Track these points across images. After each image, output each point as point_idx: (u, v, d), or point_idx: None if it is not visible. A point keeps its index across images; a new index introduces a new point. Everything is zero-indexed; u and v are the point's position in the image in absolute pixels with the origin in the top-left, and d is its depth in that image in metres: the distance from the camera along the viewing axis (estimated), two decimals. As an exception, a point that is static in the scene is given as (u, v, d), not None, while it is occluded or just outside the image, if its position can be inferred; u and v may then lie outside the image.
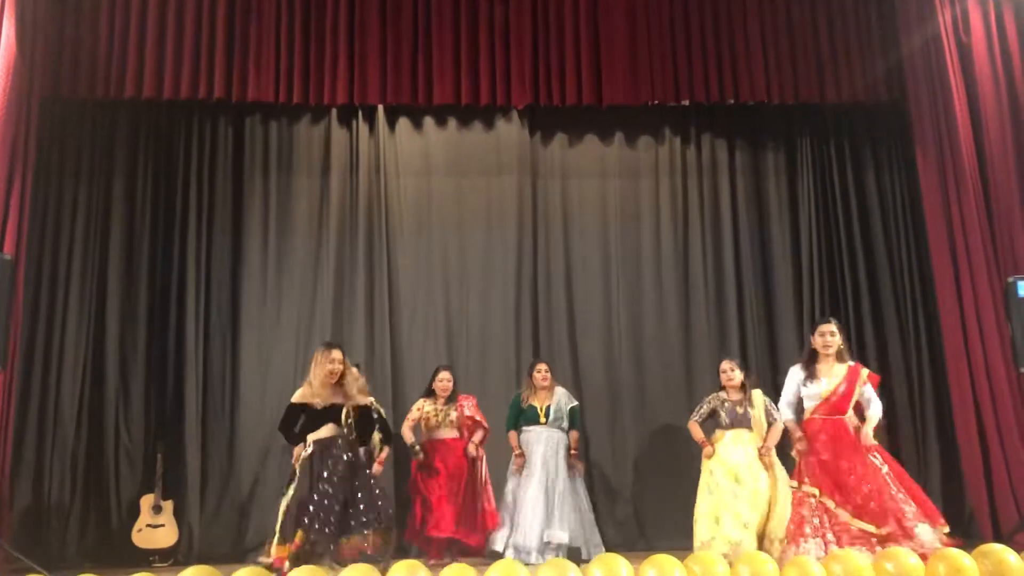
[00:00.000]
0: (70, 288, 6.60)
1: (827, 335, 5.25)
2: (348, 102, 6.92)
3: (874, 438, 5.14)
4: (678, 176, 7.40)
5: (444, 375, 6.12)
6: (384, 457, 5.79)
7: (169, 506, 6.29)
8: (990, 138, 6.42)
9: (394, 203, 7.21)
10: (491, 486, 6.08)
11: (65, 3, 6.58)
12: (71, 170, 6.76)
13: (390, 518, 5.15)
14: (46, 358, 6.45)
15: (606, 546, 6.06)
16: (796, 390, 5.33)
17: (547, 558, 5.45)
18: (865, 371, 5.29)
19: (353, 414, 5.19)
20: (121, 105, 6.84)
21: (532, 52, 6.97)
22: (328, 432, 5.12)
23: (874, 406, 5.20)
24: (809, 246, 7.16)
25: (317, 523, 4.85)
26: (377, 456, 5.73)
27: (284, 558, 4.84)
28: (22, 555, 5.36)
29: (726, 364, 5.79)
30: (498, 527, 5.88)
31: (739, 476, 5.39)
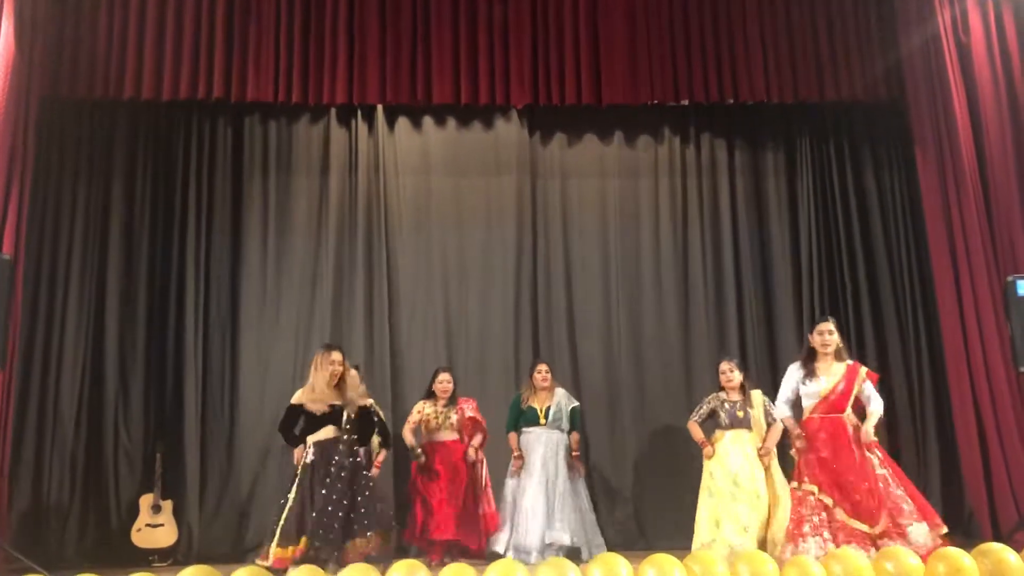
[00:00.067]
0: (69, 288, 6.60)
1: (825, 334, 5.25)
2: (347, 102, 6.92)
3: (874, 437, 5.14)
4: (677, 176, 7.40)
5: (444, 377, 6.12)
6: (382, 459, 5.79)
7: (168, 506, 6.29)
8: (990, 138, 6.42)
9: (393, 203, 7.20)
10: (491, 488, 6.09)
11: (64, 3, 6.57)
12: (70, 170, 6.76)
13: (390, 519, 5.15)
14: (45, 358, 6.45)
15: (607, 547, 6.04)
16: (795, 388, 5.33)
17: (547, 558, 5.44)
18: (864, 369, 5.29)
19: (353, 416, 5.18)
20: (120, 105, 6.83)
21: (531, 52, 6.96)
22: (328, 434, 5.11)
23: (875, 403, 5.19)
24: (808, 246, 7.16)
25: (322, 529, 4.84)
26: (375, 458, 5.73)
27: (285, 559, 4.83)
28: (21, 555, 5.36)
29: (725, 365, 5.78)
30: (498, 529, 5.88)
31: (738, 479, 5.39)
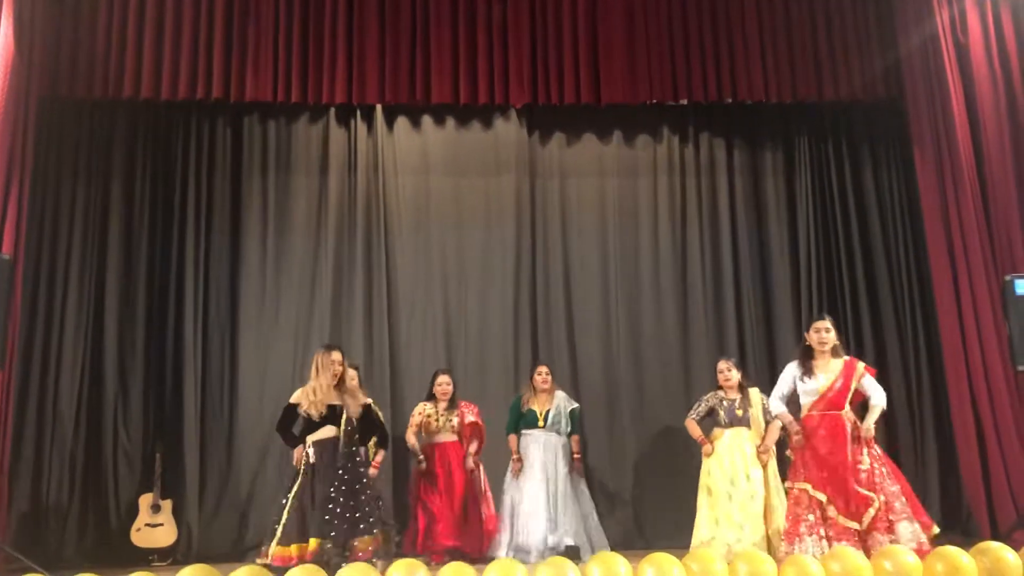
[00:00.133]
0: (68, 288, 6.60)
1: (822, 331, 5.23)
2: (346, 101, 6.92)
3: (873, 432, 5.10)
4: (676, 175, 7.40)
5: (443, 379, 6.13)
6: (380, 460, 5.79)
7: (168, 505, 6.30)
8: (988, 138, 6.43)
9: (392, 202, 7.20)
10: (490, 492, 6.11)
11: (63, 3, 6.57)
12: (69, 170, 6.76)
13: (389, 516, 5.17)
14: (44, 358, 6.45)
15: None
16: (791, 385, 5.31)
17: (546, 558, 5.44)
18: (861, 364, 5.25)
19: (354, 415, 5.19)
20: (119, 105, 6.83)
21: (530, 51, 6.96)
22: (327, 433, 5.11)
23: (877, 396, 5.13)
24: (807, 245, 7.17)
25: (332, 530, 4.85)
26: (373, 458, 5.74)
27: (286, 558, 4.83)
28: (21, 555, 5.35)
29: (723, 364, 5.79)
30: (499, 531, 5.89)
31: (735, 478, 5.40)
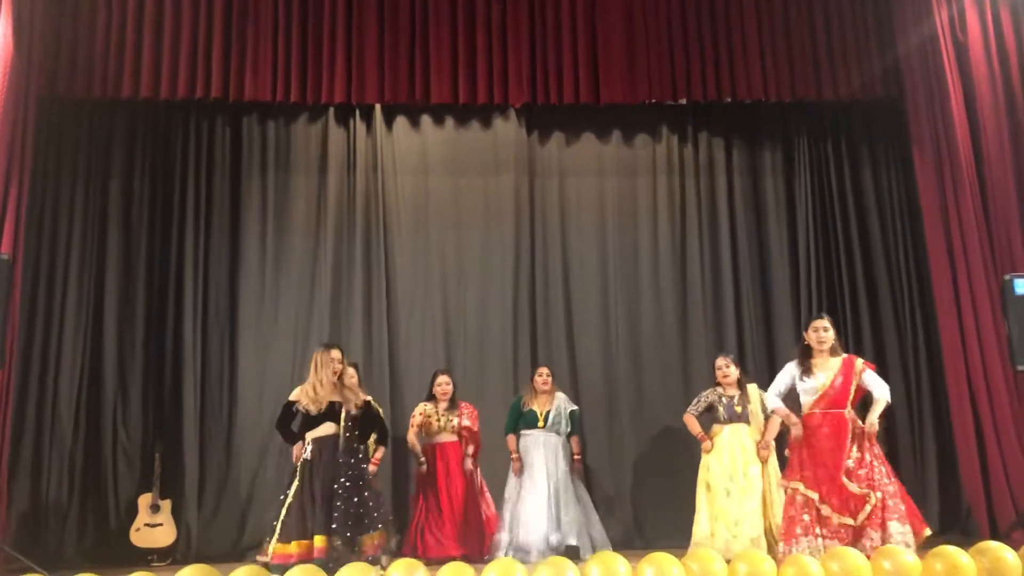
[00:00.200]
0: (68, 288, 6.60)
1: (820, 330, 5.21)
2: (346, 101, 6.91)
3: (877, 425, 5.07)
4: (675, 174, 7.40)
5: (442, 379, 6.15)
6: (380, 456, 5.79)
7: (167, 505, 6.30)
8: (987, 137, 6.42)
9: (392, 202, 7.20)
10: (488, 492, 6.13)
11: (62, 2, 6.56)
12: (68, 170, 6.75)
13: (389, 514, 5.20)
14: (44, 358, 6.45)
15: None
16: (790, 383, 5.28)
17: (546, 558, 5.44)
18: (860, 360, 5.22)
19: (354, 412, 5.19)
20: (118, 105, 6.83)
21: (529, 51, 6.96)
22: (327, 430, 5.12)
23: (880, 389, 5.08)
24: (806, 245, 7.17)
25: (340, 528, 4.86)
26: (372, 455, 5.74)
27: (286, 555, 4.83)
28: (21, 555, 5.35)
29: (721, 360, 5.80)
30: (499, 530, 5.89)
31: (734, 474, 5.41)
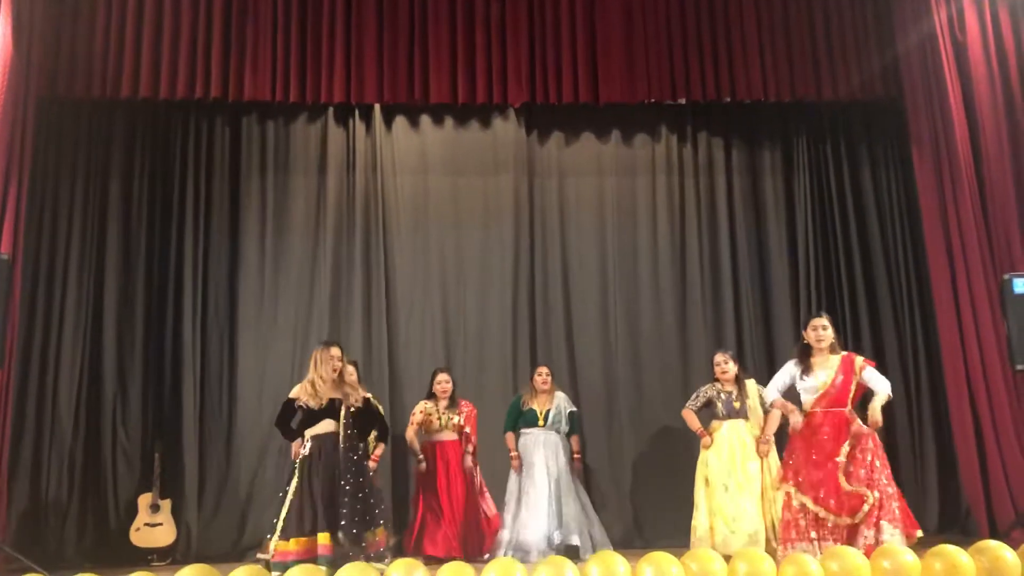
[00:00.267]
0: (67, 288, 6.60)
1: (819, 329, 5.22)
2: (345, 101, 6.91)
3: (880, 418, 5.04)
4: (675, 174, 7.40)
5: (442, 377, 6.15)
6: (380, 453, 5.81)
7: (167, 505, 6.30)
8: (986, 137, 6.42)
9: (391, 202, 7.20)
10: (487, 491, 6.13)
11: (62, 2, 6.56)
12: (68, 170, 6.75)
13: (389, 512, 5.22)
14: (43, 358, 6.45)
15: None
16: (789, 382, 5.29)
17: (546, 557, 5.45)
18: (859, 358, 5.23)
19: (355, 409, 5.20)
20: (118, 105, 6.82)
21: (529, 50, 6.95)
22: (326, 428, 5.13)
23: (880, 384, 5.09)
24: (805, 244, 7.17)
25: (347, 525, 4.87)
26: (372, 452, 5.74)
27: (286, 553, 4.84)
28: (20, 555, 5.36)
29: (720, 356, 5.81)
30: (500, 528, 5.90)
31: (732, 470, 5.42)
